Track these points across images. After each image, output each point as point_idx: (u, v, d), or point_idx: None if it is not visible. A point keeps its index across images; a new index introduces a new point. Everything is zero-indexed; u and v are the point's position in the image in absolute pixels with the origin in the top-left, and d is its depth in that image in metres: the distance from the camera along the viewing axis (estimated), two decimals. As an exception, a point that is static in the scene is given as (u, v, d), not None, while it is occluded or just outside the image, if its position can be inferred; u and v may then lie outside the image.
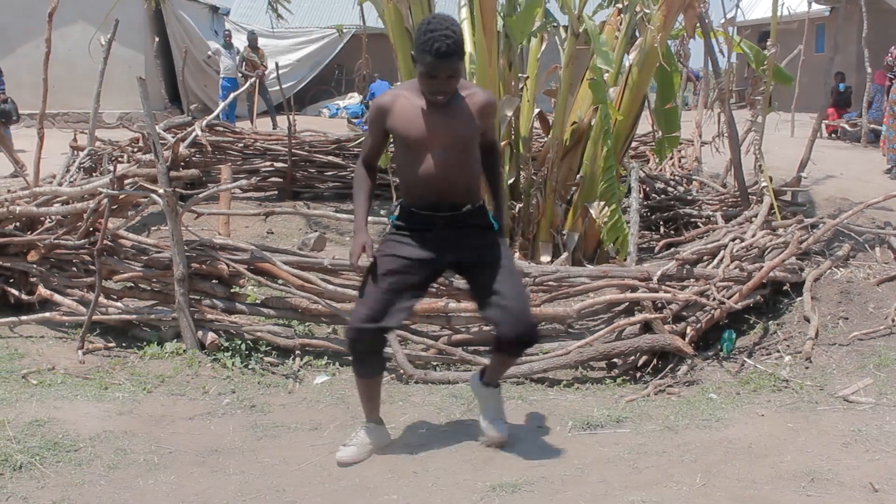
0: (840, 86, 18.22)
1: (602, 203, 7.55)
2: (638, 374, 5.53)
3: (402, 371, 5.41)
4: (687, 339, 5.59)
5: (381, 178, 10.98)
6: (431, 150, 3.86)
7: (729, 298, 5.85)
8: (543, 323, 5.73)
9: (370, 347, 4.00)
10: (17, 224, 6.21)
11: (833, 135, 17.25)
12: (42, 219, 6.23)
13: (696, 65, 19.50)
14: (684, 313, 5.82)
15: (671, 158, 11.25)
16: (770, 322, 6.09)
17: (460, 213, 3.96)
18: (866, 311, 6.04)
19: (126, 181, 6.26)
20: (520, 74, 8.42)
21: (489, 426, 4.19)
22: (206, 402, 4.92)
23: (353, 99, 22.66)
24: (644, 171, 9.84)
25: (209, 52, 19.28)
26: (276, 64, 16.05)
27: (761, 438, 4.25)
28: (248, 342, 5.62)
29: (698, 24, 8.09)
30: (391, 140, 4.08)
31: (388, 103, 3.95)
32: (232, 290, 5.90)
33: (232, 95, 12.58)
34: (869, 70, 15.29)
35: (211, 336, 5.54)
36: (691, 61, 11.20)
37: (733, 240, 6.60)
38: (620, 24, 8.20)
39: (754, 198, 7.91)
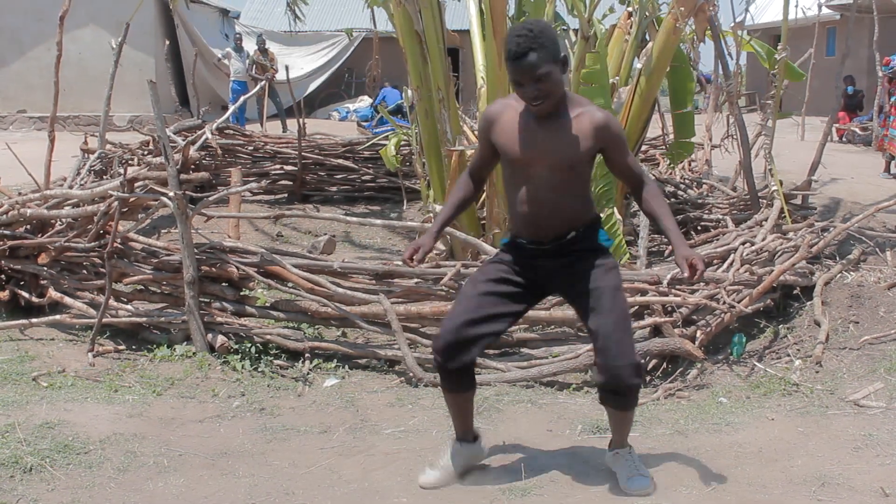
0: (849, 89, 18.17)
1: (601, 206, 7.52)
2: (647, 378, 5.51)
3: (411, 374, 5.41)
4: (697, 342, 5.57)
5: (392, 182, 11.09)
6: (534, 170, 3.56)
7: (739, 302, 5.84)
8: (553, 326, 5.73)
9: (450, 369, 3.68)
10: (28, 227, 6.24)
11: (843, 138, 17.22)
12: (53, 221, 6.26)
13: (706, 68, 19.46)
14: (694, 317, 5.81)
15: (681, 161, 11.22)
16: (780, 326, 6.08)
17: (564, 241, 3.66)
18: (877, 315, 6.02)
19: (136, 184, 6.29)
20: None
21: (626, 487, 3.74)
22: (216, 404, 4.92)
23: (363, 102, 22.70)
24: (654, 175, 9.82)
25: (219, 55, 19.34)
26: (287, 67, 16.14)
27: (771, 443, 4.24)
28: (258, 345, 5.63)
29: (708, 28, 8.07)
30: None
31: (495, 113, 3.66)
32: (242, 293, 5.91)
33: (242, 98, 12.62)
34: (880, 74, 15.24)
35: (221, 339, 5.54)
36: (701, 65, 11.16)
37: (743, 243, 6.59)
38: (630, 27, 8.19)
39: (764, 201, 7.89)
